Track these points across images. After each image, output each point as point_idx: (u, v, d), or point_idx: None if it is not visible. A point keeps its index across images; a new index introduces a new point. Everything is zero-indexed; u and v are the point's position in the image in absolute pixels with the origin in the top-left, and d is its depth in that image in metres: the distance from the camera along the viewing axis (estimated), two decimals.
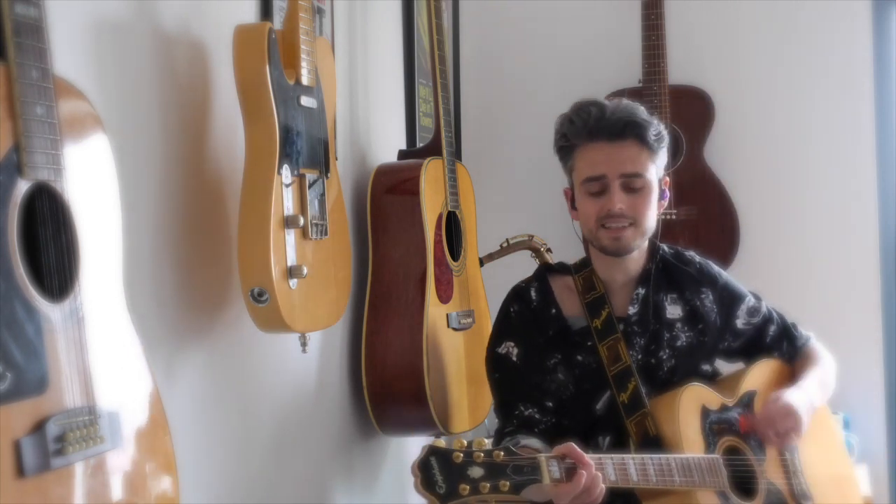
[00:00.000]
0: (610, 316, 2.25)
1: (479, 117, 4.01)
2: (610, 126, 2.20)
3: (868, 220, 3.79)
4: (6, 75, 1.27)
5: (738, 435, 2.22)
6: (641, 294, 2.29)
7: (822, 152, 3.81)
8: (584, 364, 2.24)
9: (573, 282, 2.31)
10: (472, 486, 1.71)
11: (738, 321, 2.38)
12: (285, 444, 2.49)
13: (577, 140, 2.23)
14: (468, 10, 4.02)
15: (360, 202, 2.87)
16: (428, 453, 1.71)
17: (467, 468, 1.72)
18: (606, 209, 2.19)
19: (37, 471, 1.26)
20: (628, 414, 2.19)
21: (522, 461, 1.76)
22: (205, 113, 2.09)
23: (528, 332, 2.27)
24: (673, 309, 2.31)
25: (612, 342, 2.24)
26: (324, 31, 2.65)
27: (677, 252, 2.40)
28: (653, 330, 2.27)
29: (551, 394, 2.23)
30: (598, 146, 2.20)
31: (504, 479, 1.73)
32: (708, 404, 2.21)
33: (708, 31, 3.88)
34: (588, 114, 2.23)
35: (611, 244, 2.22)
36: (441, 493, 1.70)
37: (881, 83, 3.79)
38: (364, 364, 2.80)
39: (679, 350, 2.28)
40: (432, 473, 1.70)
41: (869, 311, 3.75)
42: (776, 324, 2.43)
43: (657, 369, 2.26)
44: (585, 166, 2.21)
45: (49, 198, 1.34)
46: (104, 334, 1.40)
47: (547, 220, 3.79)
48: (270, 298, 2.01)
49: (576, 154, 2.24)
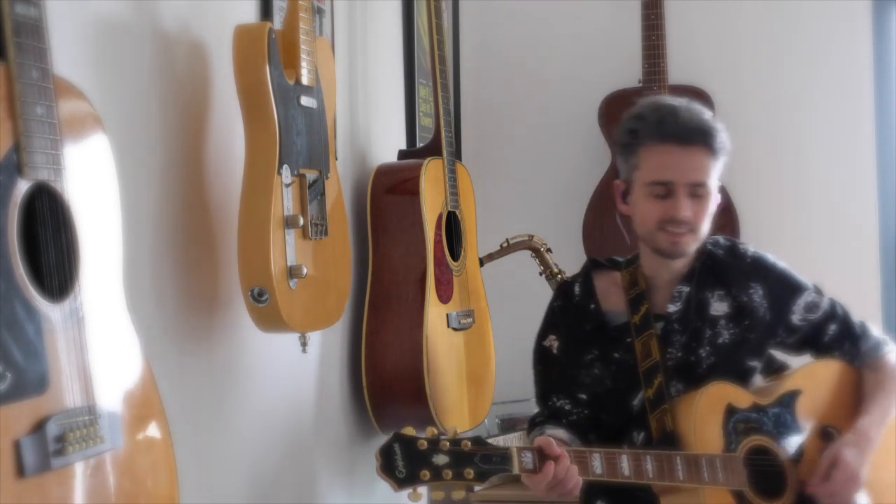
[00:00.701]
0: (648, 312, 2.25)
1: (479, 117, 4.01)
2: (682, 130, 2.17)
3: (868, 220, 3.79)
4: (6, 75, 1.27)
5: (768, 435, 2.20)
6: (685, 292, 2.27)
7: (822, 152, 3.81)
8: (621, 361, 2.25)
9: (620, 277, 2.31)
10: (433, 472, 1.77)
11: (793, 316, 2.32)
12: (285, 443, 2.49)
13: (645, 139, 2.19)
14: (468, 10, 4.02)
15: (360, 202, 2.87)
16: (392, 440, 1.77)
17: (432, 455, 1.78)
18: (671, 215, 2.17)
19: (37, 471, 1.26)
20: (652, 409, 2.20)
21: (492, 451, 1.82)
22: (205, 113, 2.09)
23: (569, 327, 2.30)
24: (718, 306, 2.28)
25: (646, 338, 2.24)
26: (324, 31, 2.65)
27: (733, 245, 2.35)
28: (694, 327, 2.26)
29: (586, 387, 2.26)
30: (668, 149, 2.17)
31: (469, 468, 1.79)
32: (735, 403, 2.18)
33: (708, 31, 3.88)
34: (661, 114, 2.19)
35: (669, 247, 2.20)
36: (400, 477, 1.76)
37: (881, 83, 3.79)
38: (364, 364, 2.80)
39: (720, 347, 2.26)
40: (394, 459, 1.76)
41: (869, 312, 3.74)
42: (838, 322, 2.35)
43: (696, 367, 2.24)
44: (653, 168, 2.18)
45: (49, 198, 1.34)
46: (104, 334, 1.40)
47: (547, 220, 3.80)
48: (270, 298, 2.01)
49: (641, 153, 2.20)
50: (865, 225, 3.79)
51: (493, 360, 3.16)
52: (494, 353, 3.17)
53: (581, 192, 3.81)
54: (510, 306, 3.66)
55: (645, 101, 2.27)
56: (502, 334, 3.25)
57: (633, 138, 2.21)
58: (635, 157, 2.21)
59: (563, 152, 3.96)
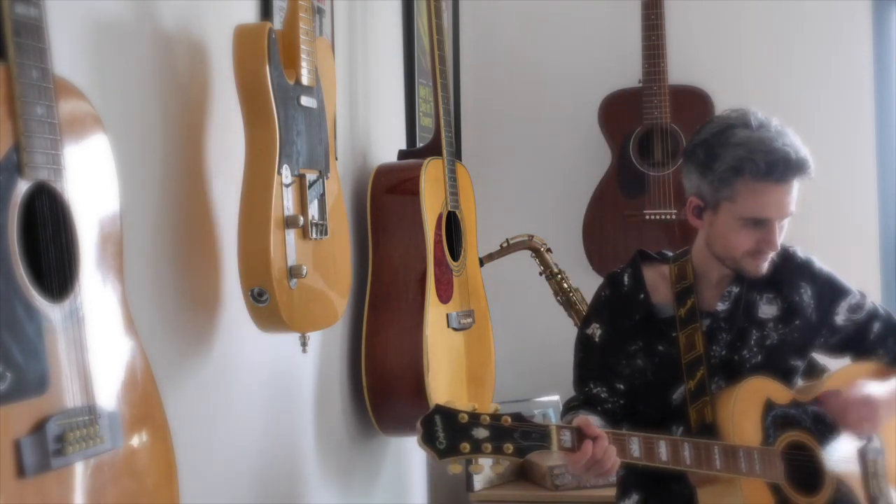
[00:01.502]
0: (694, 306, 2.27)
1: (479, 117, 4.01)
2: (787, 172, 2.16)
3: (868, 220, 3.79)
4: (6, 75, 1.27)
5: (808, 431, 2.22)
6: (735, 292, 2.30)
7: (822, 152, 3.78)
8: (665, 354, 2.28)
9: (668, 270, 2.33)
10: (473, 445, 1.77)
11: (837, 317, 2.36)
12: (285, 443, 2.49)
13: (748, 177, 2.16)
14: (468, 10, 4.02)
15: (360, 202, 2.87)
16: (433, 411, 1.77)
17: (472, 429, 1.78)
18: (764, 246, 2.20)
19: (37, 471, 1.26)
20: (692, 401, 2.22)
21: (531, 428, 1.83)
22: (205, 113, 2.09)
23: (615, 316, 2.33)
24: (768, 308, 2.31)
25: (691, 331, 2.26)
26: (324, 31, 2.65)
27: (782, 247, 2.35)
28: (740, 328, 2.29)
29: (624, 378, 2.29)
30: (769, 188, 2.17)
31: (509, 443, 1.79)
32: (774, 398, 2.22)
33: (708, 31, 3.88)
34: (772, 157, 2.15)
35: (754, 271, 2.23)
36: (441, 448, 1.76)
37: (881, 83, 3.79)
38: (364, 364, 2.80)
39: (768, 348, 2.29)
40: (435, 430, 1.76)
41: None
42: (882, 321, 2.39)
43: (740, 366, 2.27)
44: (752, 205, 2.17)
45: (49, 198, 1.34)
46: (104, 334, 1.40)
47: (547, 220, 3.80)
48: (270, 298, 2.01)
49: (739, 185, 2.17)
50: (865, 225, 3.79)
51: (493, 360, 3.16)
52: (494, 353, 3.17)
53: (581, 192, 3.81)
54: (510, 306, 3.67)
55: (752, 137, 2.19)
56: (502, 334, 3.25)
57: (735, 174, 2.17)
58: (730, 189, 2.18)
59: (563, 152, 3.97)
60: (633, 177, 3.73)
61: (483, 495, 3.47)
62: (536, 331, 3.70)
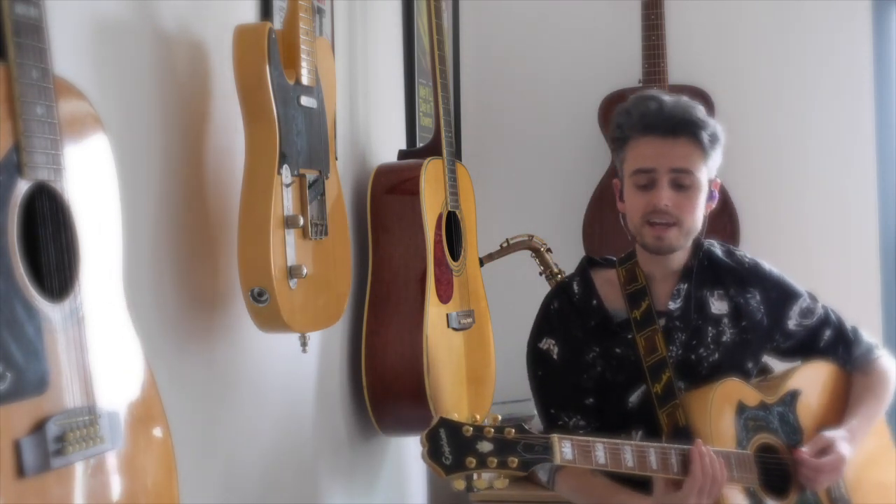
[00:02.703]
0: (650, 307, 2.25)
1: (479, 117, 4.01)
2: (665, 121, 2.19)
3: (868, 220, 3.79)
4: (6, 75, 1.27)
5: (775, 433, 2.21)
6: (683, 289, 2.28)
7: (822, 152, 3.81)
8: (622, 356, 2.25)
9: (616, 274, 2.31)
10: (479, 460, 1.73)
11: (789, 322, 2.35)
12: (285, 443, 2.49)
13: (631, 132, 2.21)
14: (468, 10, 4.02)
15: (360, 202, 2.87)
16: (438, 424, 1.73)
17: (476, 442, 1.74)
18: (652, 204, 2.18)
19: (37, 471, 1.26)
20: (661, 405, 2.19)
21: (534, 440, 1.79)
22: (205, 113, 2.09)
23: (568, 329, 2.28)
24: (719, 305, 2.29)
25: (650, 333, 2.23)
26: (324, 31, 2.65)
27: (729, 250, 2.38)
28: (695, 326, 2.27)
29: (591, 391, 2.25)
30: (651, 140, 2.19)
31: (513, 456, 1.75)
32: (745, 400, 2.20)
33: (708, 31, 3.89)
34: (646, 107, 2.21)
35: (653, 242, 2.21)
36: (447, 464, 1.72)
37: (881, 83, 3.80)
38: (364, 364, 2.79)
39: (724, 345, 2.27)
40: (440, 444, 1.72)
41: (869, 311, 3.75)
42: (833, 327, 2.39)
43: (697, 365, 2.25)
44: (636, 158, 2.21)
45: (49, 198, 1.34)
46: (104, 334, 1.40)
47: (547, 220, 3.80)
48: (270, 298, 2.01)
49: (628, 146, 2.22)
50: (865, 225, 3.79)
51: (493, 360, 3.16)
52: (494, 353, 3.17)
53: (581, 192, 3.81)
54: (510, 306, 3.65)
55: (634, 97, 2.28)
56: (502, 334, 3.25)
57: (621, 132, 2.23)
58: (623, 151, 2.24)
59: (563, 152, 3.97)
60: None
61: (483, 495, 3.47)
62: None
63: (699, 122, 2.20)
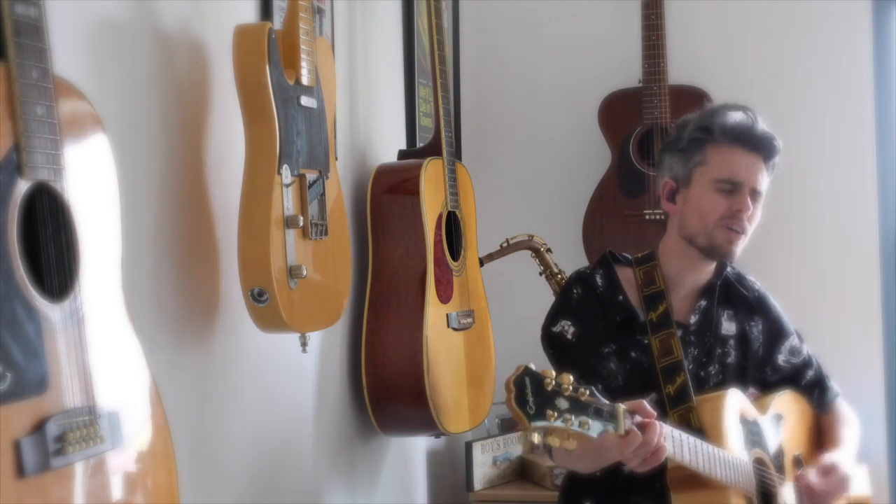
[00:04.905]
0: (667, 311, 2.26)
1: (479, 117, 4.01)
2: (756, 139, 2.24)
3: (868, 220, 3.79)
4: (6, 75, 1.27)
5: (764, 449, 2.24)
6: (703, 305, 2.31)
7: (822, 152, 3.81)
8: (637, 361, 2.25)
9: (633, 274, 2.32)
10: (558, 414, 1.72)
11: (779, 357, 2.40)
12: (285, 443, 2.49)
13: (721, 136, 2.23)
14: (468, 10, 4.02)
15: (360, 202, 2.87)
16: (523, 373, 1.72)
17: (556, 397, 1.73)
18: (736, 209, 2.21)
19: (37, 471, 1.26)
20: (672, 406, 2.19)
21: (603, 405, 1.78)
22: (205, 113, 2.09)
23: (589, 316, 2.29)
24: (728, 326, 2.34)
25: (665, 336, 2.25)
26: (324, 31, 2.65)
27: (740, 275, 2.42)
28: (709, 343, 2.30)
29: (602, 378, 2.24)
30: (741, 152, 2.23)
31: (587, 417, 1.74)
32: (745, 413, 2.23)
33: (708, 31, 3.88)
34: (738, 118, 2.25)
35: (724, 244, 2.22)
36: (531, 413, 1.70)
37: (881, 83, 3.79)
38: (364, 364, 2.80)
39: (728, 367, 2.31)
40: (525, 392, 1.70)
41: (869, 311, 3.75)
42: (814, 370, 2.46)
43: (705, 383, 2.28)
44: (725, 166, 2.22)
45: (49, 198, 1.34)
46: (104, 334, 1.40)
47: (547, 220, 3.80)
48: (270, 298, 2.01)
49: (710, 149, 2.24)
50: (865, 225, 3.79)
51: (493, 360, 3.16)
52: (494, 353, 3.17)
53: (581, 192, 3.81)
54: (510, 306, 3.66)
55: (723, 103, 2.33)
56: (502, 334, 3.25)
57: (705, 133, 2.24)
58: (701, 154, 2.24)
59: (563, 152, 3.97)
60: (632, 176, 3.73)
61: (483, 495, 3.48)
62: (536, 331, 3.70)
63: (777, 146, 2.27)
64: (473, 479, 3.46)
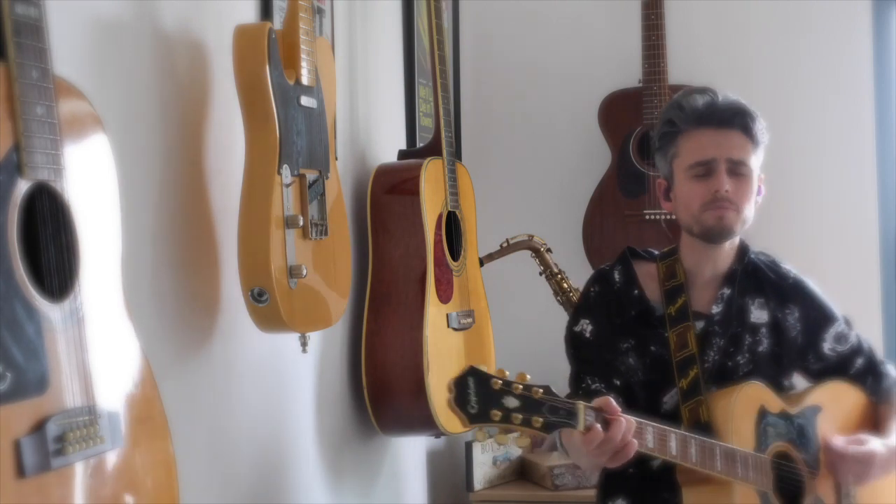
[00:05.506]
0: (685, 305, 2.25)
1: (479, 117, 4.01)
2: (720, 113, 2.21)
3: (868, 220, 3.79)
4: (6, 75, 1.27)
5: (793, 443, 2.21)
6: (727, 294, 2.28)
7: (822, 152, 3.81)
8: (657, 355, 2.25)
9: (656, 269, 2.32)
10: (503, 414, 1.71)
11: (824, 344, 2.35)
12: (285, 443, 2.49)
13: (684, 125, 2.23)
14: (468, 10, 4.02)
15: (360, 202, 2.87)
16: (467, 373, 1.72)
17: (503, 396, 1.72)
18: (713, 190, 2.19)
19: (37, 471, 1.26)
20: (684, 399, 2.19)
21: (560, 403, 1.77)
22: (205, 113, 2.09)
23: (606, 313, 2.29)
24: (759, 313, 2.30)
25: (682, 329, 2.24)
26: (324, 31, 2.65)
27: (774, 262, 2.38)
28: (734, 333, 2.27)
29: (620, 374, 2.25)
30: (706, 132, 2.21)
31: (538, 416, 1.74)
32: (767, 406, 2.20)
33: (708, 31, 3.88)
34: (698, 101, 2.24)
35: (716, 223, 2.20)
36: (472, 413, 1.70)
37: (881, 83, 3.80)
38: (364, 364, 2.79)
39: (759, 356, 2.28)
40: (467, 393, 1.71)
41: (869, 311, 3.75)
42: (864, 356, 2.39)
43: (732, 373, 2.25)
44: (692, 151, 2.22)
45: (49, 198, 1.34)
46: (104, 334, 1.40)
47: (547, 220, 3.80)
48: (270, 298, 2.01)
49: (680, 140, 2.24)
50: (865, 225, 3.79)
51: (493, 360, 3.16)
52: (494, 353, 3.17)
53: (581, 192, 3.81)
54: (510, 306, 3.67)
55: (683, 91, 2.32)
56: (502, 334, 3.25)
57: (672, 126, 2.24)
58: (675, 146, 2.24)
59: (563, 152, 3.97)
60: (632, 177, 3.73)
61: (483, 495, 3.48)
62: (536, 331, 3.70)
63: (752, 113, 2.24)
64: (473, 479, 3.46)
